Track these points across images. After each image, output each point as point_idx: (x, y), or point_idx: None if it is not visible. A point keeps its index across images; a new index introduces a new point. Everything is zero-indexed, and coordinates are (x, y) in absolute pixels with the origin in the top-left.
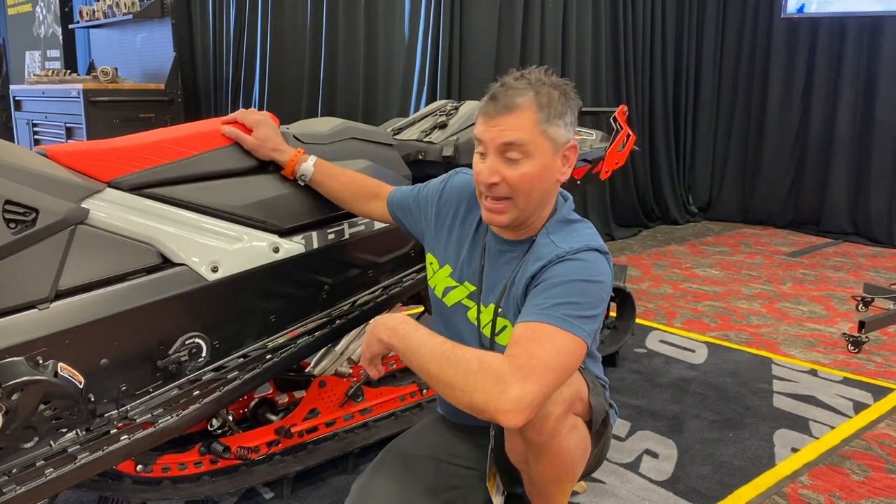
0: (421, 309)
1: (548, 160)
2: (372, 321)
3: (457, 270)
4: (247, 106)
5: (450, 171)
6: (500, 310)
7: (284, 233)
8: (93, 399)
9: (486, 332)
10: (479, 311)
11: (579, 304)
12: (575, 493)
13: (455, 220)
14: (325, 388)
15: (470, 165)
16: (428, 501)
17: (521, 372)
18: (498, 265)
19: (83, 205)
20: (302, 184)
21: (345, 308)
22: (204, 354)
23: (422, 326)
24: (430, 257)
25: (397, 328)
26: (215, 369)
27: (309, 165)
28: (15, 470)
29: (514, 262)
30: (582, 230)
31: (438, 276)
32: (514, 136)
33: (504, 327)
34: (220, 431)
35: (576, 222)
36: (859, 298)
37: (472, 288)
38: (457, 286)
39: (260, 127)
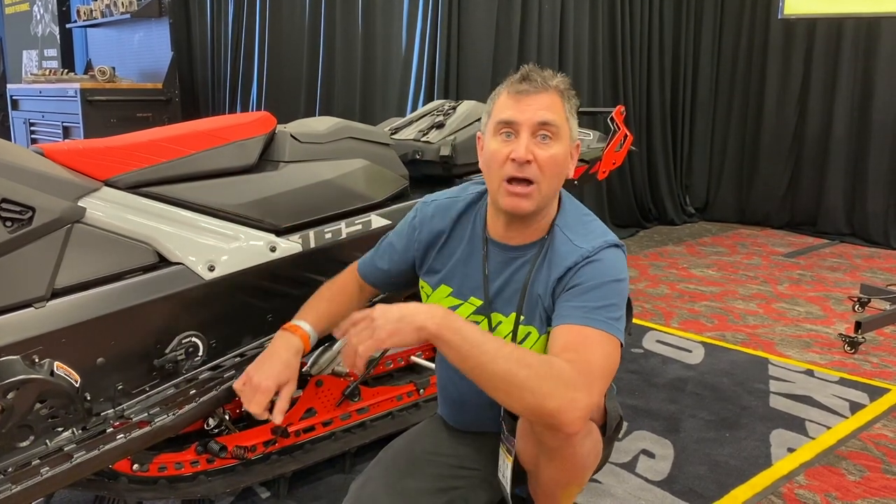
0: None
1: (567, 148)
2: (389, 307)
3: (457, 289)
4: (245, 105)
5: (413, 207)
6: (522, 317)
7: (281, 232)
8: (89, 398)
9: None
10: (490, 324)
11: (615, 306)
12: None
13: (444, 242)
14: (321, 387)
15: (468, 165)
16: (428, 501)
17: (587, 379)
18: (506, 273)
19: (80, 203)
20: (315, 342)
21: None
22: (200, 353)
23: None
24: (421, 282)
25: (450, 320)
26: (212, 368)
27: (308, 327)
28: (10, 469)
29: (526, 266)
30: (593, 224)
31: (435, 299)
32: (550, 116)
33: (528, 334)
34: (216, 430)
35: (585, 215)
36: (856, 299)
37: (479, 302)
38: (461, 304)
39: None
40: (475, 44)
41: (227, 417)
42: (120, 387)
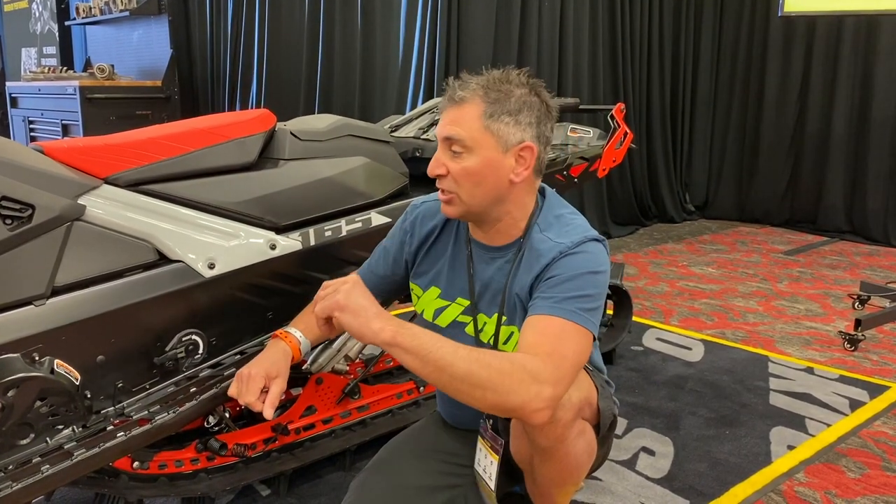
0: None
1: (492, 157)
2: (364, 291)
3: (445, 290)
4: (244, 103)
5: (406, 210)
6: (504, 318)
7: (281, 230)
8: (89, 396)
9: (489, 341)
10: (476, 325)
11: (590, 297)
12: None
13: (433, 244)
14: (321, 385)
15: None
16: (427, 499)
17: (554, 372)
18: (488, 273)
19: (79, 201)
20: (306, 349)
21: None
22: (201, 351)
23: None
24: (411, 285)
25: (405, 327)
26: (212, 366)
27: (298, 333)
28: (11, 466)
29: (506, 267)
30: (575, 221)
31: (425, 301)
32: (453, 131)
33: (511, 334)
34: (216, 428)
35: (565, 215)
36: (855, 296)
37: (467, 303)
38: (449, 304)
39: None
40: (475, 43)
41: (227, 415)
42: (120, 384)
